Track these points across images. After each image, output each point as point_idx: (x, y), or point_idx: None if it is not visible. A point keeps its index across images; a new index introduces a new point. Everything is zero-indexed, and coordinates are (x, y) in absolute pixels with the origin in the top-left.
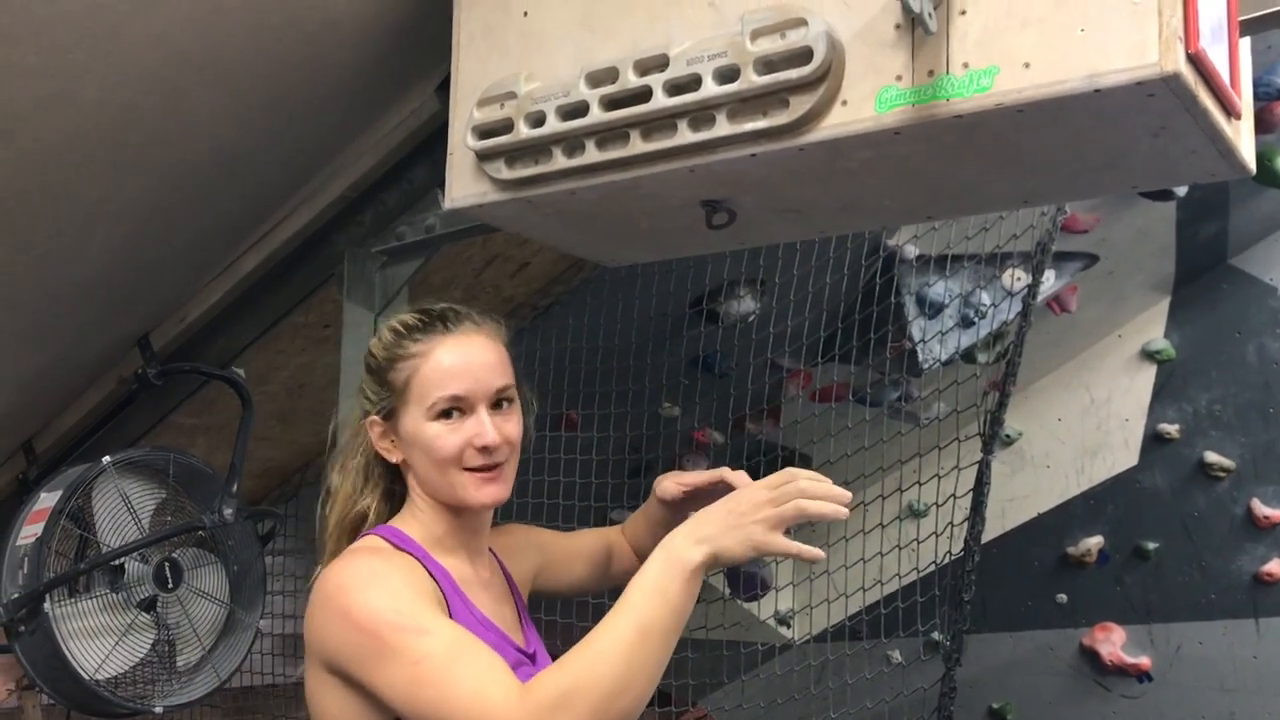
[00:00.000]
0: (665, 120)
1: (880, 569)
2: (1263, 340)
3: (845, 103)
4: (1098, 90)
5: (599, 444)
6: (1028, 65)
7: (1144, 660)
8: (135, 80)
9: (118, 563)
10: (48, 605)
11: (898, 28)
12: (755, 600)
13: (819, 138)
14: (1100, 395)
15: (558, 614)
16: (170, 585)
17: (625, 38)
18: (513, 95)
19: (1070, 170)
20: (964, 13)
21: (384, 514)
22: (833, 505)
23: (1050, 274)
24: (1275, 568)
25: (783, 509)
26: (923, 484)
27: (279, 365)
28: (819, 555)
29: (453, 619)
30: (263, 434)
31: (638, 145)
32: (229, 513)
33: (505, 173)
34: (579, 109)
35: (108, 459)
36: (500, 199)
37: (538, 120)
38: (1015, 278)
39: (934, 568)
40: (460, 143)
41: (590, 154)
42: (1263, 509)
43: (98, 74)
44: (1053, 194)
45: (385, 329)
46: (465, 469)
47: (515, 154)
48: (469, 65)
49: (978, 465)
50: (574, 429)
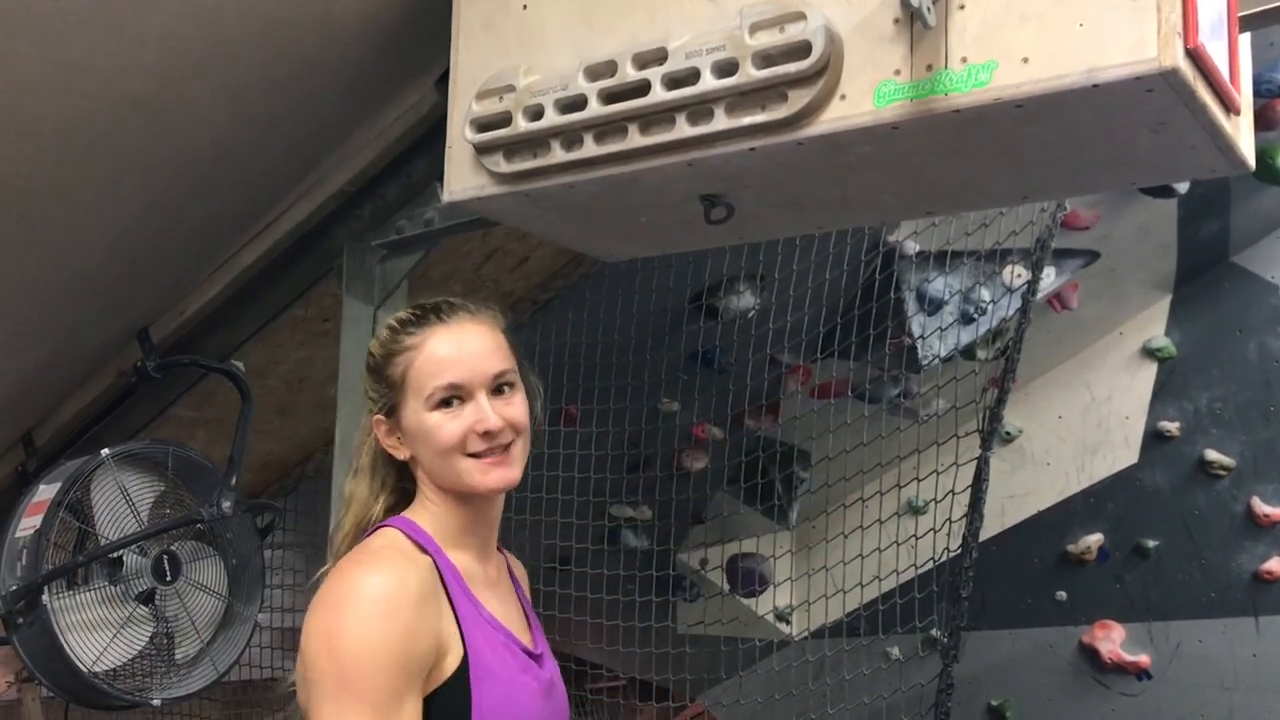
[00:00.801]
0: (663, 114)
1: (879, 565)
2: (1264, 338)
3: (844, 97)
4: (1096, 85)
5: (598, 439)
6: (1026, 60)
7: (1143, 658)
8: (135, 71)
9: (116, 555)
10: (46, 597)
11: (896, 22)
12: (754, 596)
13: (817, 132)
14: (1101, 393)
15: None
16: (169, 578)
17: (624, 31)
18: (511, 88)
19: (1069, 165)
20: (963, 7)
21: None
22: None
23: (1051, 271)
24: (1275, 566)
25: None
26: (921, 480)
27: (278, 359)
28: None
29: (459, 619)
30: (262, 427)
31: (636, 139)
32: (227, 506)
33: (504, 166)
34: (577, 102)
35: (106, 452)
36: (499, 192)
37: (536, 113)
38: (1015, 274)
39: (932, 565)
40: (459, 136)
41: (588, 148)
42: (1263, 507)
43: (97, 66)
44: (1052, 189)
45: (382, 327)
46: (470, 455)
47: (513, 147)
48: (468, 58)
49: (976, 461)
50: (573, 424)
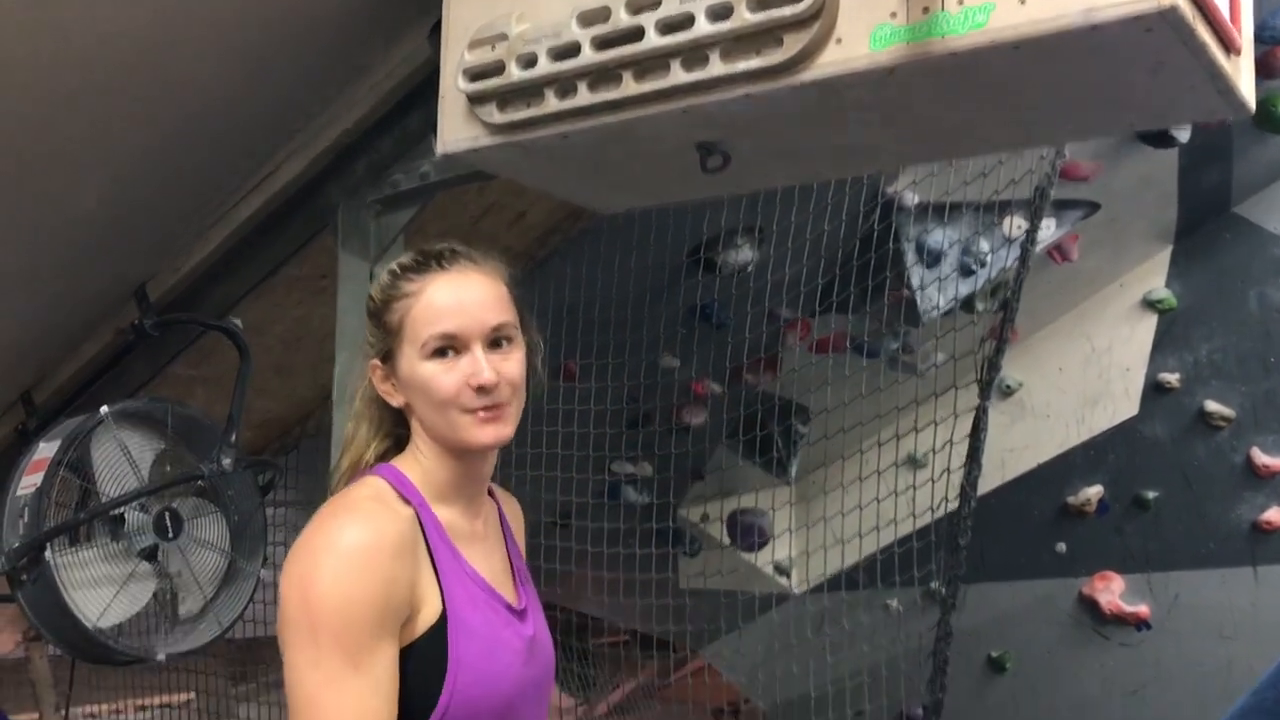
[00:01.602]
0: (658, 60)
1: (878, 518)
2: (1264, 289)
3: (839, 41)
4: (1094, 26)
5: (597, 394)
6: (1023, 1)
7: (1143, 609)
8: (126, 23)
9: (118, 512)
10: (49, 554)
11: None
12: (754, 550)
13: (813, 77)
14: (1101, 344)
15: (558, 563)
16: (170, 535)
17: None
18: (504, 36)
19: (1068, 109)
20: None
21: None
22: None
23: (1051, 222)
24: (1274, 516)
25: None
26: (920, 432)
27: (276, 318)
28: None
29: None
30: (260, 386)
31: (630, 86)
32: (227, 462)
33: (497, 116)
34: (570, 49)
35: (105, 409)
36: (493, 143)
37: (529, 62)
38: (1014, 225)
39: (931, 517)
40: (452, 86)
41: (582, 96)
42: (1262, 458)
43: (89, 18)
44: (1050, 133)
45: (384, 272)
46: (464, 410)
47: (507, 97)
48: (460, 7)
49: (975, 412)
50: (572, 379)
